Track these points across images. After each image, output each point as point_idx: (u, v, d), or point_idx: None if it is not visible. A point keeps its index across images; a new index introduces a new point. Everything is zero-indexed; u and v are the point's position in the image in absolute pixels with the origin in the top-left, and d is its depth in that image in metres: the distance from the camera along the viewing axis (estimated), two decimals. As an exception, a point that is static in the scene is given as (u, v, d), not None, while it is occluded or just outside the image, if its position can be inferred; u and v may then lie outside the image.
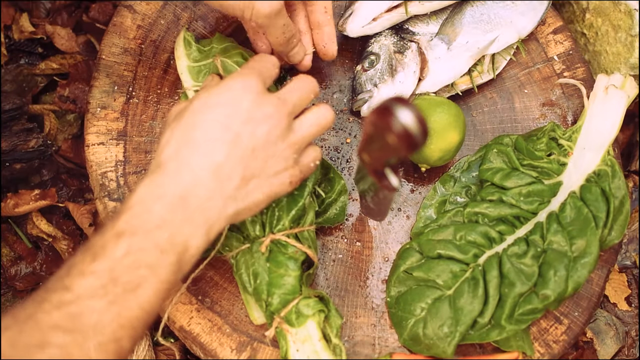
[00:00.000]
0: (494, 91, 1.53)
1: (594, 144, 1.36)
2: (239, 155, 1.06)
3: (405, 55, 1.46)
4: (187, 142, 1.05)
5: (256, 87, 1.09)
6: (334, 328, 1.26)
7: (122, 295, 0.94)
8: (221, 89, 1.09)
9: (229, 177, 1.05)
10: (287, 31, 1.28)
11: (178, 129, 1.07)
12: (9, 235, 1.63)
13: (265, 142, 1.08)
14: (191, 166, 1.03)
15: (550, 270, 1.25)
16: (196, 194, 1.02)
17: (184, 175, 1.02)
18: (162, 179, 1.03)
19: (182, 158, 1.04)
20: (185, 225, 1.01)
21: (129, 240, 0.97)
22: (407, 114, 0.86)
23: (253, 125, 1.07)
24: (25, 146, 1.56)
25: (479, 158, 1.43)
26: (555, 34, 1.59)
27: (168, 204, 1.00)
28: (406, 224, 1.42)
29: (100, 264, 0.95)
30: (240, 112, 1.07)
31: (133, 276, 0.96)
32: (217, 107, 1.07)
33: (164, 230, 0.99)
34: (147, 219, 0.99)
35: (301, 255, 1.24)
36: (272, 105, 1.09)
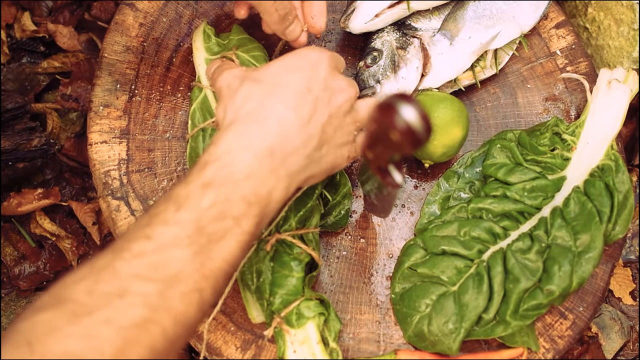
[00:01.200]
0: (497, 86, 1.53)
1: (598, 138, 1.36)
2: (319, 118, 1.06)
3: (407, 51, 1.45)
4: (273, 96, 1.05)
5: (330, 63, 1.11)
6: (333, 332, 1.26)
7: (207, 246, 0.94)
8: (298, 57, 1.10)
9: (311, 137, 1.05)
10: (281, 8, 1.26)
11: (258, 86, 1.07)
12: (13, 235, 1.63)
13: (338, 112, 1.09)
14: (278, 117, 1.03)
15: (555, 265, 1.25)
16: (282, 146, 1.02)
17: (272, 126, 1.02)
18: (249, 127, 1.02)
19: (268, 109, 1.03)
20: (271, 177, 1.01)
21: (217, 191, 0.96)
22: (410, 110, 0.86)
23: (330, 93, 1.08)
24: (28, 145, 1.56)
25: (482, 153, 1.42)
26: (558, 28, 1.58)
27: (256, 153, 1.00)
28: (410, 220, 1.42)
29: (185, 214, 0.94)
30: (319, 79, 1.08)
31: (218, 227, 0.95)
32: (298, 71, 1.08)
33: (251, 181, 0.98)
34: (236, 170, 0.98)
35: (306, 257, 1.24)
36: (345, 81, 1.12)
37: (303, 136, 1.04)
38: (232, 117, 1.05)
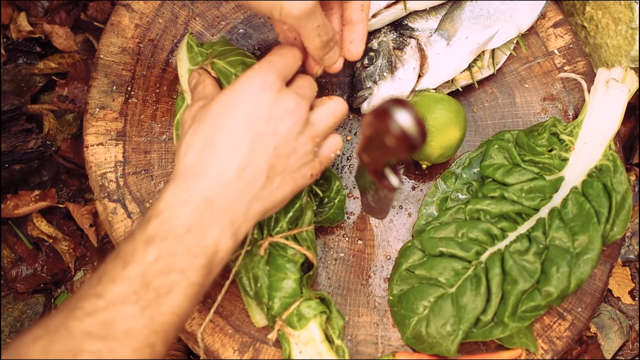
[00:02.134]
0: (495, 86, 1.53)
1: (595, 138, 1.36)
2: (263, 155, 1.06)
3: (404, 51, 1.45)
4: (210, 145, 1.04)
5: (274, 84, 1.08)
6: (336, 329, 1.25)
7: (155, 301, 0.95)
8: (239, 88, 1.08)
9: (254, 178, 1.05)
10: (324, 33, 1.15)
11: (199, 132, 1.07)
12: (10, 237, 1.63)
13: (287, 139, 1.08)
14: (215, 169, 1.03)
15: (553, 266, 1.25)
16: (222, 196, 1.02)
17: (209, 178, 1.02)
18: (187, 183, 1.03)
19: (206, 161, 1.04)
20: (213, 227, 1.01)
21: (160, 245, 0.97)
22: (405, 115, 0.85)
23: (274, 123, 1.07)
24: (25, 147, 1.56)
25: (480, 154, 1.42)
26: (556, 27, 1.58)
27: (195, 207, 1.01)
28: (408, 221, 1.42)
29: (131, 270, 0.95)
30: (261, 111, 1.06)
31: (165, 281, 0.96)
32: (237, 108, 1.06)
33: (193, 234, 1.00)
34: (176, 224, 0.99)
35: (300, 258, 1.23)
36: (292, 101, 1.09)
37: (245, 180, 1.04)
38: (176, 169, 1.06)
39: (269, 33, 1.54)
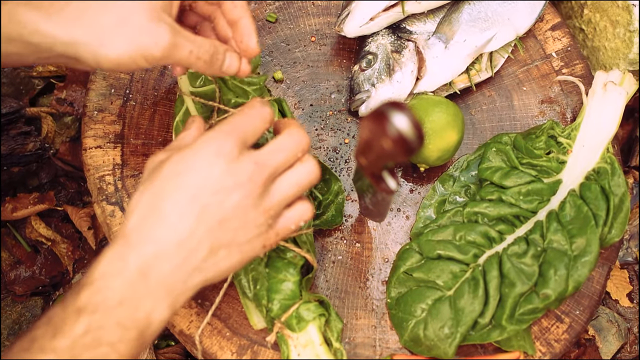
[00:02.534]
0: (493, 89, 1.53)
1: (593, 141, 1.36)
2: (207, 228, 1.01)
3: (402, 54, 1.45)
4: (153, 212, 1.00)
5: (230, 153, 1.02)
6: (335, 332, 1.25)
7: None
8: (193, 154, 1.03)
9: (195, 250, 1.01)
10: (202, 53, 1.12)
11: (146, 195, 1.02)
12: (8, 240, 1.63)
13: (235, 212, 1.03)
14: (154, 239, 0.99)
15: (551, 269, 1.25)
16: (158, 267, 0.98)
17: (146, 248, 0.98)
18: (124, 250, 0.98)
19: (146, 229, 1.00)
20: (147, 300, 0.98)
21: (90, 318, 0.94)
22: (402, 118, 0.86)
23: (222, 195, 1.01)
24: (23, 149, 1.56)
25: (478, 157, 1.42)
26: (554, 30, 1.58)
27: (128, 279, 0.97)
28: (406, 224, 1.42)
29: (60, 341, 0.92)
30: (210, 182, 1.01)
31: (93, 354, 0.93)
32: (185, 176, 1.01)
33: (125, 307, 0.96)
34: (108, 296, 0.95)
35: (300, 260, 1.23)
36: (246, 173, 1.02)
37: (185, 252, 1.00)
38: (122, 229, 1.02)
39: (266, 36, 1.55)
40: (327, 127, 1.48)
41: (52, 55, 1.06)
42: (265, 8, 1.57)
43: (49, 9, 1.03)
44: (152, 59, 1.06)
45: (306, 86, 1.51)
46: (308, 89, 1.51)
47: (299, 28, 1.56)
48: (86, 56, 1.05)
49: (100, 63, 1.06)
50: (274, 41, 1.54)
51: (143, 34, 1.05)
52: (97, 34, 1.04)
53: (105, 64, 1.06)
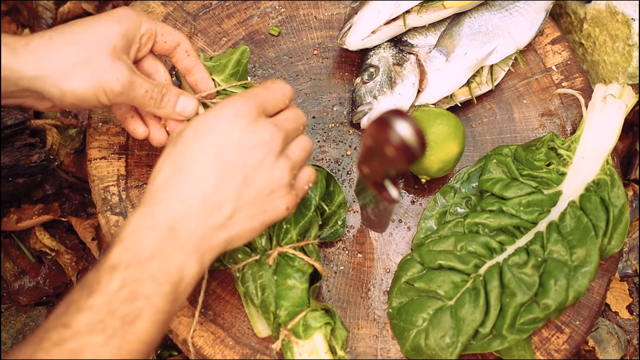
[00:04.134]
0: (493, 102, 1.54)
1: (593, 153, 1.37)
2: (230, 185, 1.04)
3: (404, 67, 1.46)
4: (178, 172, 1.04)
5: (249, 114, 1.07)
6: (340, 340, 1.26)
7: (121, 329, 0.94)
8: (213, 116, 1.07)
9: (219, 207, 1.04)
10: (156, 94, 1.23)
11: (170, 157, 1.06)
12: (12, 250, 1.63)
13: (258, 170, 1.06)
14: (180, 196, 1.02)
15: (551, 279, 1.26)
16: (186, 223, 1.02)
17: (173, 206, 1.02)
18: (152, 209, 1.02)
19: (172, 188, 1.03)
20: (177, 254, 1.01)
21: (124, 273, 0.96)
22: (405, 126, 0.87)
23: (245, 153, 1.05)
24: (28, 161, 1.57)
25: (478, 169, 1.43)
26: (554, 44, 1.59)
27: (158, 234, 1.00)
28: (407, 235, 1.43)
29: (97, 299, 0.94)
30: (231, 141, 1.05)
31: (130, 308, 0.95)
32: (207, 136, 1.05)
33: (157, 261, 0.99)
34: (140, 250, 0.98)
35: (309, 268, 1.24)
36: (268, 132, 1.07)
37: (209, 209, 1.03)
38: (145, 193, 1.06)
39: (269, 49, 1.56)
40: (329, 139, 1.49)
41: (17, 90, 1.13)
42: (268, 22, 1.58)
43: (14, 45, 1.10)
44: (111, 94, 1.16)
45: (308, 99, 1.52)
46: (310, 102, 1.52)
47: (302, 41, 1.57)
48: (51, 90, 1.12)
49: (64, 96, 1.13)
50: (276, 54, 1.56)
51: (105, 71, 1.14)
52: (62, 69, 1.12)
53: (69, 98, 1.14)
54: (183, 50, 1.29)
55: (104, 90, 1.15)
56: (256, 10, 1.59)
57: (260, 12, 1.59)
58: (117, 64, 1.16)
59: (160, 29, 1.27)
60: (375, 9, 1.46)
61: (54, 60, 1.12)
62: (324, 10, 1.60)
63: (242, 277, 1.26)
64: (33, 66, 1.11)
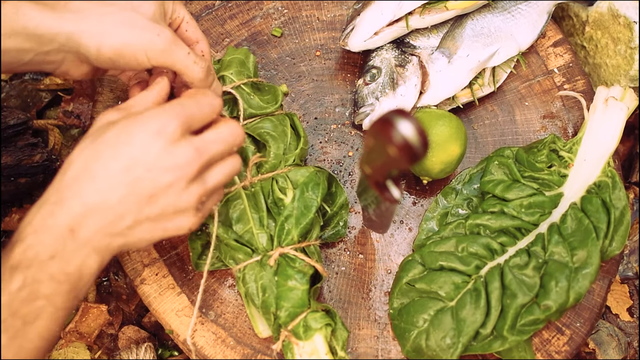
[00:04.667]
0: (495, 104, 1.54)
1: (595, 155, 1.37)
2: (135, 199, 1.03)
3: (406, 68, 1.47)
4: (87, 173, 1.02)
5: (172, 134, 1.04)
6: (340, 341, 1.26)
7: (22, 329, 0.95)
8: (137, 126, 1.04)
9: (120, 218, 1.03)
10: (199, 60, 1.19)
11: (83, 153, 1.04)
12: (14, 250, 1.63)
13: (167, 192, 1.04)
14: (84, 199, 1.01)
15: (552, 281, 1.26)
16: (86, 227, 1.01)
17: (76, 207, 1.00)
18: (54, 207, 1.00)
19: (77, 188, 1.01)
20: (76, 255, 1.01)
21: (24, 273, 0.96)
22: (408, 125, 0.87)
23: (156, 173, 1.03)
24: (30, 161, 1.57)
25: (480, 170, 1.43)
26: (556, 46, 1.60)
27: (59, 235, 0.99)
28: (408, 236, 1.43)
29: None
30: (146, 158, 1.02)
31: (31, 308, 0.96)
32: (124, 146, 1.03)
33: (56, 261, 0.99)
34: (40, 251, 0.98)
35: (310, 269, 1.24)
36: (185, 156, 1.04)
37: (110, 217, 1.02)
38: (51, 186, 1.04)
39: (272, 50, 1.56)
40: (331, 140, 1.49)
41: (52, 49, 1.11)
42: (271, 23, 1.59)
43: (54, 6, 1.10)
44: (152, 53, 1.12)
45: (311, 100, 1.53)
46: (313, 103, 1.52)
47: (304, 43, 1.58)
48: (88, 45, 1.10)
49: (101, 52, 1.11)
50: (279, 55, 1.56)
51: (147, 29, 1.12)
52: (102, 26, 1.10)
53: (107, 53, 1.11)
54: (199, 49, 1.27)
55: (145, 50, 1.12)
56: (259, 12, 1.59)
57: (262, 13, 1.59)
58: (158, 25, 1.13)
59: (187, 17, 1.25)
60: (377, 10, 1.46)
61: (94, 18, 1.10)
62: (327, 11, 1.60)
63: (243, 277, 1.26)
64: (72, 22, 1.09)
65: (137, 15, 1.12)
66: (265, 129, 1.34)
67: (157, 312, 1.34)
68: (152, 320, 1.55)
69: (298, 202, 1.26)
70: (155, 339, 1.54)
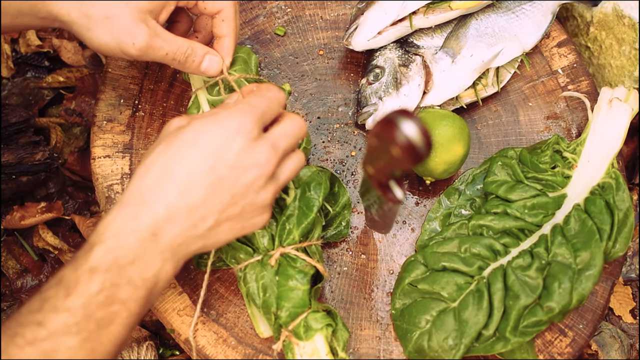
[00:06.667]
0: (499, 104, 1.54)
1: (598, 156, 1.37)
2: (218, 200, 1.04)
3: (410, 68, 1.46)
4: (169, 175, 1.03)
5: (251, 131, 1.06)
6: (341, 342, 1.26)
7: (96, 332, 0.96)
8: (215, 125, 1.06)
9: (203, 219, 1.04)
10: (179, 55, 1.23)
11: (162, 156, 1.05)
12: (15, 248, 1.63)
13: (247, 190, 1.06)
14: (167, 201, 1.02)
15: (555, 282, 1.25)
16: (168, 230, 1.02)
17: (159, 210, 1.01)
18: (137, 210, 1.01)
19: (161, 191, 1.02)
20: (156, 260, 1.02)
21: (104, 276, 0.96)
22: (411, 126, 0.86)
23: (239, 171, 1.05)
24: (32, 159, 1.57)
25: (483, 171, 1.43)
26: (560, 47, 1.59)
27: (141, 238, 1.00)
28: (411, 236, 1.43)
29: (74, 300, 0.95)
30: (229, 156, 1.04)
31: (106, 312, 0.97)
32: (206, 146, 1.04)
33: (136, 266, 0.99)
34: (121, 255, 0.98)
35: (311, 269, 1.24)
36: (264, 154, 1.06)
37: (194, 219, 1.04)
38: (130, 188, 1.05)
39: (275, 49, 1.56)
40: (334, 140, 1.49)
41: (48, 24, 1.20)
42: (274, 22, 1.58)
43: None
44: (128, 56, 1.18)
45: (314, 99, 1.52)
46: (316, 102, 1.52)
47: (308, 42, 1.57)
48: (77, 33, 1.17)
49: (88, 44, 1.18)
50: (282, 54, 1.56)
51: (123, 33, 1.15)
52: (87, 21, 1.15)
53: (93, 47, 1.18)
54: (220, 18, 1.28)
55: (121, 51, 1.17)
56: (262, 10, 1.59)
57: (266, 12, 1.59)
58: (137, 28, 1.16)
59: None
60: (381, 9, 1.46)
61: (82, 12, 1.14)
62: (330, 10, 1.59)
63: (244, 277, 1.26)
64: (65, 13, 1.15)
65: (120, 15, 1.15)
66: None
67: (159, 311, 1.33)
68: (154, 319, 1.55)
69: (299, 202, 1.26)
70: (156, 338, 1.54)
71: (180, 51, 1.22)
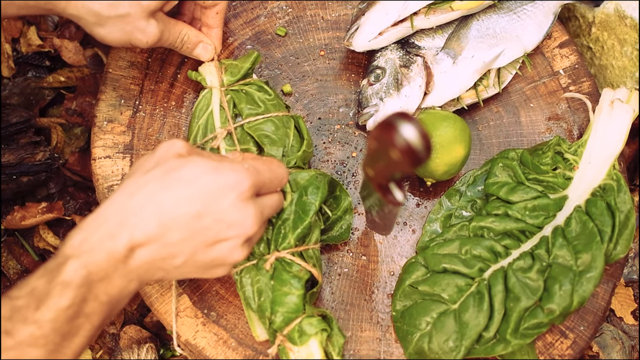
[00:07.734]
0: (500, 105, 1.53)
1: (600, 158, 1.37)
2: (193, 245, 1.06)
3: (411, 69, 1.46)
4: (155, 206, 1.04)
5: (246, 192, 1.08)
6: (337, 347, 1.26)
7: (60, 344, 0.98)
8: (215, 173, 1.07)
9: (173, 256, 1.06)
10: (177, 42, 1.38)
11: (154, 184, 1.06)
12: (16, 248, 1.63)
13: (227, 244, 1.09)
14: (147, 230, 1.03)
15: (556, 284, 1.25)
16: (140, 255, 1.03)
17: (137, 236, 1.02)
18: (116, 230, 1.02)
19: (143, 218, 1.03)
20: (123, 280, 1.04)
21: (75, 292, 0.98)
22: (410, 129, 0.86)
23: (223, 226, 1.07)
24: (32, 159, 1.57)
25: (484, 172, 1.43)
26: (561, 48, 1.59)
27: (114, 259, 1.02)
28: (412, 238, 1.42)
29: (44, 314, 0.96)
30: (218, 208, 1.06)
31: (72, 326, 0.99)
32: (199, 189, 1.06)
33: (104, 283, 1.02)
34: (93, 271, 1.00)
35: (305, 274, 1.24)
36: (251, 217, 1.09)
37: (165, 254, 1.05)
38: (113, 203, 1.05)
39: (276, 50, 1.55)
40: (335, 141, 1.49)
41: None
42: (275, 22, 1.58)
43: None
44: (136, 47, 1.34)
45: (315, 100, 1.52)
46: (316, 103, 1.52)
47: (309, 42, 1.57)
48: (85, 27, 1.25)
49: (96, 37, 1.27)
50: (283, 55, 1.55)
51: (136, 31, 1.26)
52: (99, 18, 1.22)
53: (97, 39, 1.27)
54: (215, 11, 1.42)
55: (132, 45, 1.29)
56: (263, 10, 1.59)
57: (267, 12, 1.58)
58: (149, 26, 1.27)
59: None
60: (382, 10, 1.46)
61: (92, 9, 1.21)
62: (331, 11, 1.59)
63: (241, 280, 1.26)
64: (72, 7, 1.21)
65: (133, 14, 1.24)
66: (265, 131, 1.34)
67: (159, 313, 1.34)
68: (154, 320, 1.55)
69: (296, 206, 1.25)
70: (156, 339, 1.53)
71: (179, 39, 1.38)
